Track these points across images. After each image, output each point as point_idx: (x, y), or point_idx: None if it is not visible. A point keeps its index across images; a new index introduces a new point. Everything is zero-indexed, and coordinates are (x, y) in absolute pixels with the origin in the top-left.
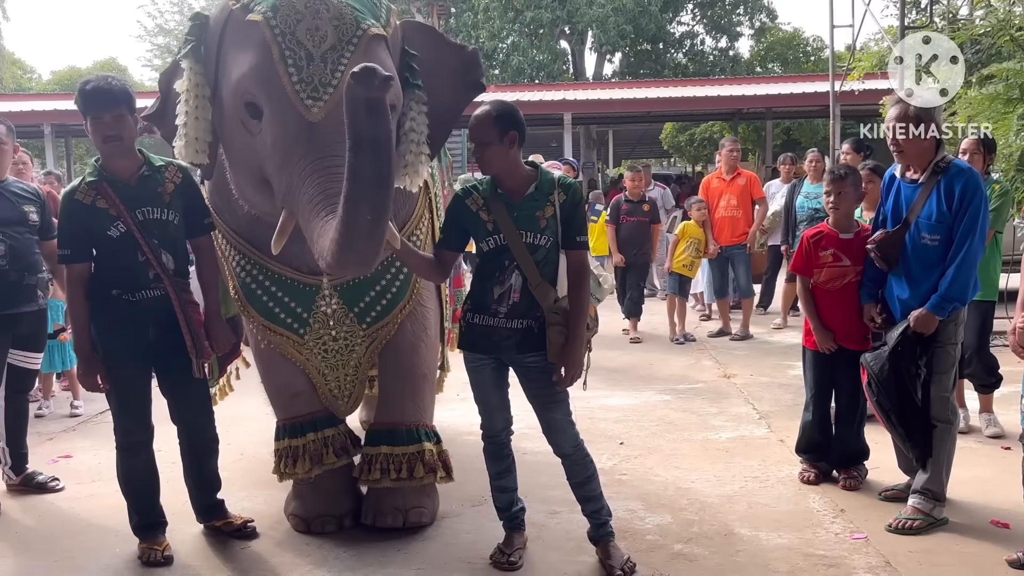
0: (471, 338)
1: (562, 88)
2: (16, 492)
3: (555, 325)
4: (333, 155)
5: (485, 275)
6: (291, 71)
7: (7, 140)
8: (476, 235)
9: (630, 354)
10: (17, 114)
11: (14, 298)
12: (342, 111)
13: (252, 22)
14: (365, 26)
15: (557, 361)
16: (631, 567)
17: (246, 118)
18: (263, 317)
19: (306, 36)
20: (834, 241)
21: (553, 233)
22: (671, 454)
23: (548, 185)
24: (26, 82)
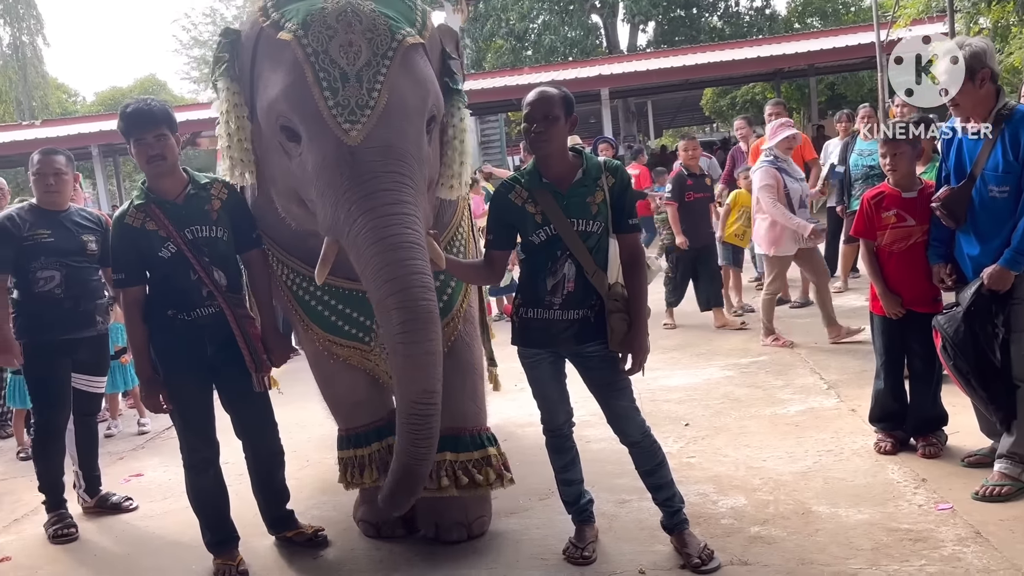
0: (526, 333)
1: (597, 63)
2: (92, 514)
3: (616, 312)
4: (380, 189)
5: (536, 268)
6: (326, 94)
7: (67, 170)
8: (524, 229)
9: (686, 331)
10: (65, 138)
11: (71, 324)
12: (382, 131)
13: (284, 41)
14: (400, 36)
15: (621, 349)
16: (709, 554)
17: (283, 141)
18: (328, 332)
19: (339, 53)
20: (897, 200)
21: (604, 218)
22: (739, 432)
23: (595, 170)
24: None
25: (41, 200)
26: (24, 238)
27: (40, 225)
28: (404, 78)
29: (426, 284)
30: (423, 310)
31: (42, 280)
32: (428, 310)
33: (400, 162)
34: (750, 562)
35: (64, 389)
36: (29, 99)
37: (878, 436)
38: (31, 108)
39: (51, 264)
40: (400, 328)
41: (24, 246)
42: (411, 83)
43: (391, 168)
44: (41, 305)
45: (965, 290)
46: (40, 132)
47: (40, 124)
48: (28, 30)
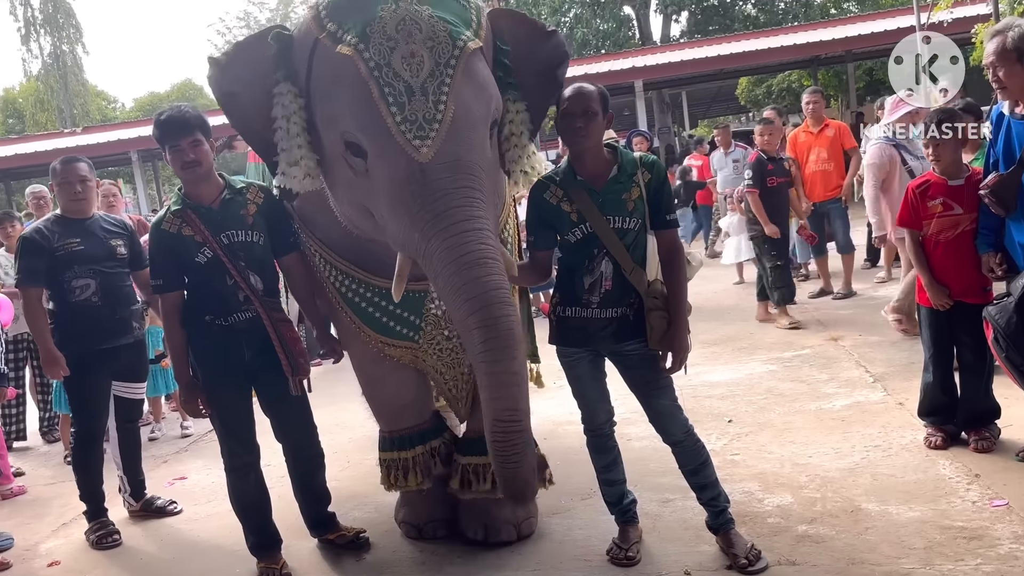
0: (564, 332)
1: (630, 55)
2: (138, 518)
3: (655, 310)
4: (453, 206)
5: (572, 266)
6: (393, 110)
7: (91, 177)
8: (560, 228)
9: (728, 324)
10: (105, 144)
11: (110, 332)
12: (450, 145)
13: (344, 55)
14: (461, 43)
15: (661, 347)
16: (756, 554)
17: (348, 156)
18: (380, 334)
19: (402, 66)
20: (943, 189)
21: (641, 215)
22: (784, 428)
23: (631, 166)
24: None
25: (68, 209)
26: (55, 249)
27: (69, 234)
28: (468, 86)
29: (505, 299)
30: (504, 328)
31: (78, 289)
32: (509, 327)
33: (470, 175)
34: (798, 562)
35: (104, 398)
36: (70, 107)
37: (928, 431)
38: (72, 116)
39: (85, 272)
40: (483, 347)
41: (56, 257)
42: (474, 90)
43: (461, 183)
44: (80, 315)
45: (1017, 279)
46: (81, 139)
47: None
48: (68, 39)
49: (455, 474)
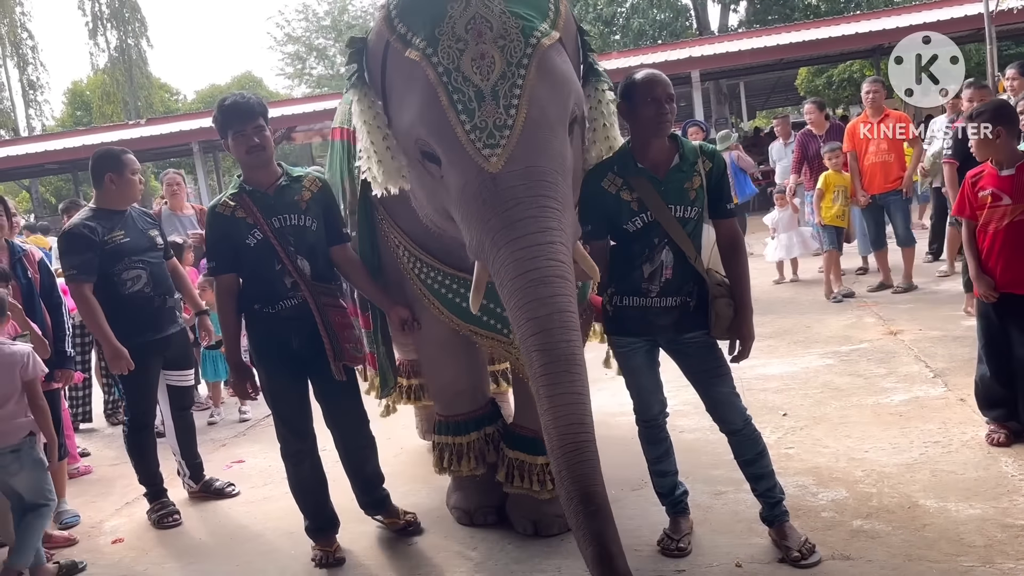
0: (622, 322)
1: (687, 45)
2: (197, 499)
3: (720, 298)
4: (525, 216)
5: (630, 256)
6: (462, 117)
7: (137, 169)
8: (618, 217)
9: (784, 317)
10: (167, 135)
11: (161, 322)
12: (522, 151)
13: (413, 59)
14: (534, 40)
15: (727, 336)
16: (810, 548)
17: (424, 162)
18: (468, 323)
19: (472, 69)
20: (993, 180)
21: (701, 204)
22: (840, 423)
23: (692, 154)
24: (173, 104)
25: (112, 200)
26: (104, 242)
27: (113, 227)
28: (542, 86)
29: (567, 323)
30: (564, 353)
31: (129, 281)
32: (570, 352)
33: (543, 183)
34: (852, 556)
35: (154, 387)
36: (135, 99)
37: (990, 427)
38: (136, 108)
39: (134, 264)
40: (542, 371)
41: (106, 250)
42: (550, 89)
43: (534, 192)
44: (134, 306)
45: None
46: (145, 131)
47: (145, 123)
48: (133, 33)
49: (501, 465)
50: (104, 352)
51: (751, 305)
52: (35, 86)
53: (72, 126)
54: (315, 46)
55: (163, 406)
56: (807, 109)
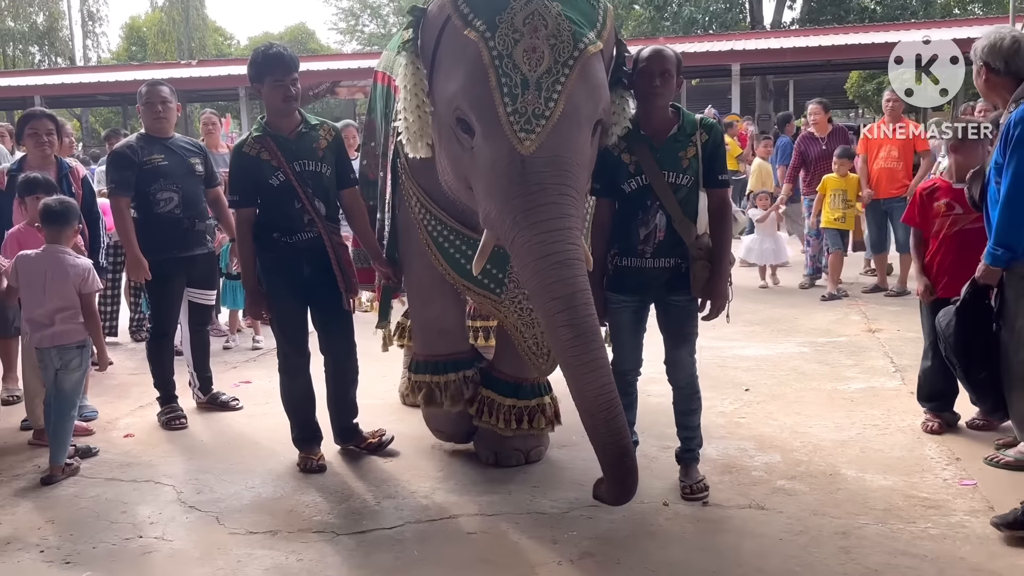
0: (619, 280)
1: (730, 38)
2: (204, 409)
3: (699, 260)
4: (547, 202)
5: (628, 216)
6: (506, 100)
7: (172, 99)
8: (617, 177)
9: (774, 307)
10: (216, 78)
11: (188, 242)
12: (552, 141)
13: (469, 37)
14: (582, 45)
15: (701, 295)
16: (701, 487)
17: (458, 131)
18: (463, 279)
19: (523, 58)
20: (947, 191)
21: (694, 172)
22: (794, 401)
23: (690, 126)
24: (226, 48)
25: (151, 127)
26: (142, 163)
27: (153, 151)
28: (581, 87)
29: (588, 300)
30: (588, 326)
31: (162, 201)
32: (592, 325)
33: (566, 173)
34: (767, 508)
35: (178, 302)
36: (189, 39)
37: (926, 416)
38: (190, 48)
39: (169, 186)
40: (570, 344)
41: (143, 170)
42: (586, 92)
43: (558, 180)
44: (162, 225)
45: (966, 286)
46: (195, 71)
47: (196, 63)
48: None
49: (474, 400)
50: (126, 260)
51: (728, 270)
52: (94, 18)
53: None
54: (369, 3)
55: (183, 320)
56: (812, 109)
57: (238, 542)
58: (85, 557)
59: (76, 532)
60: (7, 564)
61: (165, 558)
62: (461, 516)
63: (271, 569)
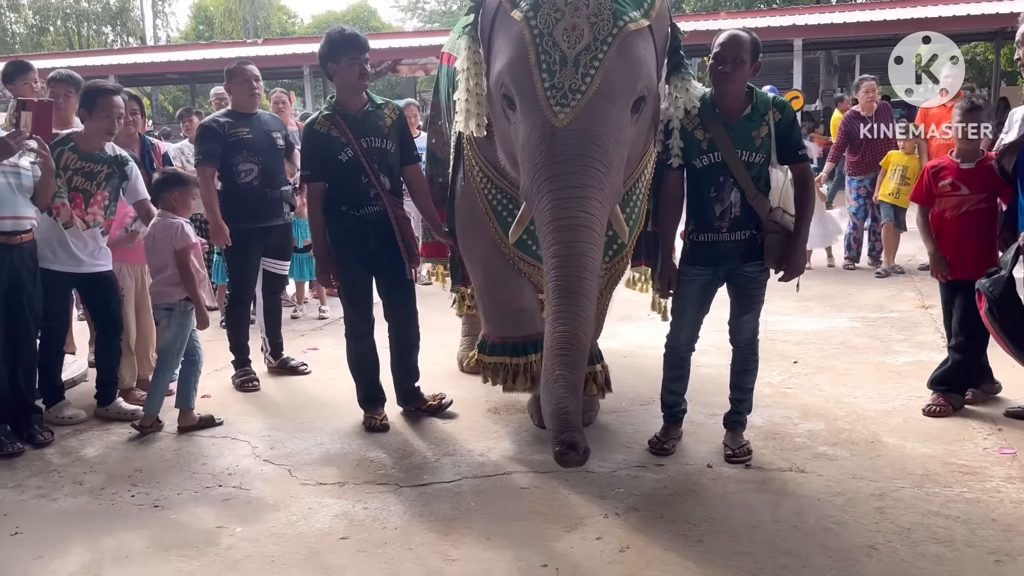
0: (695, 254)
1: (793, 12)
2: (275, 373)
3: (772, 233)
4: (568, 171)
5: (701, 192)
6: (544, 76)
7: (260, 79)
8: (689, 153)
9: (829, 284)
10: (281, 56)
11: (266, 213)
12: (585, 115)
13: (515, 18)
14: (622, 23)
15: (776, 265)
16: (744, 451)
17: (505, 108)
18: (517, 248)
19: (562, 36)
20: (953, 171)
21: (766, 151)
22: (842, 373)
23: (764, 106)
24: (290, 26)
25: (243, 103)
26: (228, 135)
27: (238, 125)
28: (619, 63)
29: (584, 264)
30: (574, 286)
31: (243, 172)
32: (580, 287)
33: (594, 146)
34: (807, 471)
35: (255, 270)
36: (254, 18)
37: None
38: (255, 27)
39: (250, 158)
40: (553, 299)
41: (228, 143)
42: (625, 67)
43: (584, 152)
44: (243, 195)
45: (1006, 253)
46: (261, 50)
47: (262, 43)
48: None
49: None
50: (209, 227)
51: (805, 238)
52: None
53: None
54: None
55: (257, 288)
56: (866, 87)
57: (309, 492)
58: (171, 501)
59: (162, 480)
60: (103, 505)
61: (243, 504)
62: (515, 473)
63: (339, 516)
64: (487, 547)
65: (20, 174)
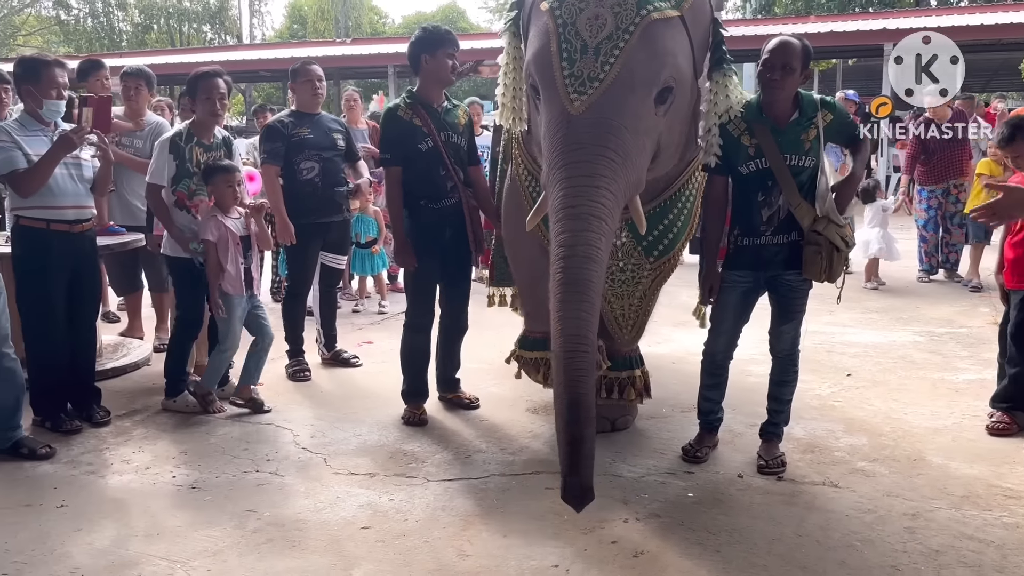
0: (738, 258)
1: (885, 16)
2: (327, 365)
3: (811, 245)
4: (580, 160)
5: (747, 197)
6: (564, 64)
7: (323, 79)
8: (735, 159)
9: (897, 296)
10: (366, 56)
11: (325, 209)
12: (601, 103)
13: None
14: (645, 12)
15: (813, 278)
16: (778, 463)
17: (533, 97)
18: None
19: (585, 25)
20: None
21: (816, 154)
22: (896, 388)
23: (811, 108)
24: (380, 26)
25: (306, 103)
26: (290, 136)
27: (301, 125)
28: (641, 52)
29: (589, 255)
30: (577, 277)
31: (305, 170)
32: (584, 278)
33: (608, 135)
34: (840, 486)
35: (313, 264)
36: (346, 18)
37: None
38: (347, 27)
39: (312, 157)
40: (555, 291)
41: (291, 142)
42: (647, 56)
43: (597, 141)
44: (304, 192)
45: None
46: (348, 49)
47: (350, 42)
48: None
49: None
50: (276, 224)
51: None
52: None
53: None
54: None
55: (315, 281)
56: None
57: (339, 481)
58: (208, 484)
59: (203, 463)
60: (145, 484)
61: (275, 489)
62: (543, 473)
63: (364, 505)
64: (502, 545)
65: (81, 166)
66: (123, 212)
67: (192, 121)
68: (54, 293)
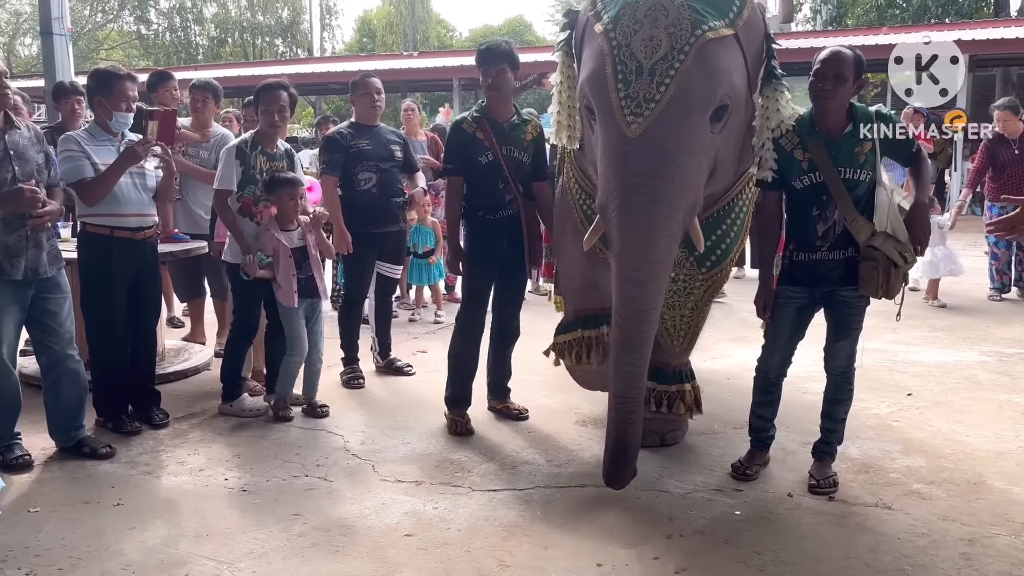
0: (793, 273)
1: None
2: (381, 373)
3: (867, 260)
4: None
5: (802, 212)
6: (620, 86)
7: (383, 92)
8: (788, 174)
9: (966, 314)
10: (431, 69)
11: (382, 219)
12: (658, 126)
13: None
14: (700, 31)
15: (871, 295)
16: (830, 483)
17: (588, 118)
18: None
19: (640, 47)
20: None
21: (872, 167)
22: (958, 409)
23: (865, 119)
24: (447, 39)
25: (365, 115)
26: (349, 147)
27: (360, 136)
28: (697, 72)
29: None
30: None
31: (362, 181)
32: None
33: (665, 161)
34: (894, 508)
35: (369, 273)
36: (414, 32)
37: None
38: (415, 40)
39: (369, 168)
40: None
41: (350, 153)
42: (702, 76)
43: (656, 164)
44: (362, 202)
45: None
46: (414, 63)
47: (417, 55)
48: None
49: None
50: (334, 233)
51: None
52: (331, 12)
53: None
54: None
55: (371, 290)
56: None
57: (386, 488)
58: (258, 487)
59: (255, 467)
60: (197, 485)
61: (323, 494)
62: (589, 486)
63: (408, 513)
64: (543, 556)
65: (145, 175)
66: (187, 220)
67: (257, 130)
68: (116, 298)
